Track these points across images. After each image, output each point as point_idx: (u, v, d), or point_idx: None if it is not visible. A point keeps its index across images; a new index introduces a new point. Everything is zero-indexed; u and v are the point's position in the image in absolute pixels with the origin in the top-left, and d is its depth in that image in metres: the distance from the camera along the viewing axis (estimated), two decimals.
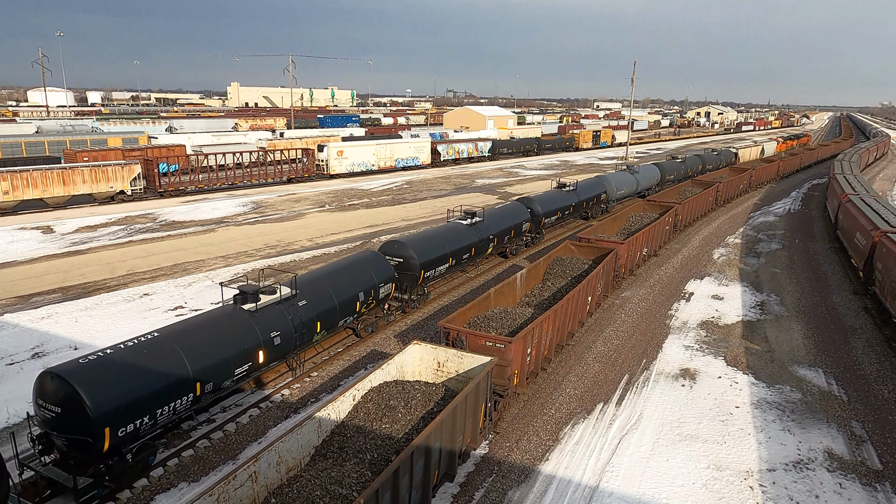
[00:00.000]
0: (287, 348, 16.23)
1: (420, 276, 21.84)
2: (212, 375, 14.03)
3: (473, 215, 26.45)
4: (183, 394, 13.36)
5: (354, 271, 19.27)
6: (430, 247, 22.74)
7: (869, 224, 27.68)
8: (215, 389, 14.31)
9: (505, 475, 13.76)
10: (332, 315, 17.81)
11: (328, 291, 17.81)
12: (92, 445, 11.78)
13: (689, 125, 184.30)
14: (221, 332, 14.62)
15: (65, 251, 30.76)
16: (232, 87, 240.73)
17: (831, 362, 20.03)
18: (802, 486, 13.62)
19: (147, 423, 12.74)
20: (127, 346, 13.09)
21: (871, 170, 75.52)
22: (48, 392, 11.83)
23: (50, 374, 11.85)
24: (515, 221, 29.47)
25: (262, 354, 15.34)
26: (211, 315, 15.18)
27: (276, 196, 47.99)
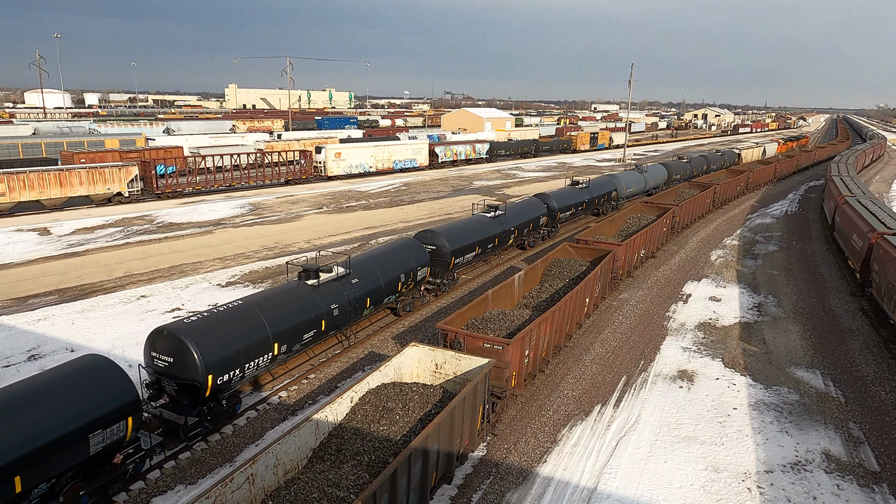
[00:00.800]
0: (343, 319, 18.42)
1: (451, 262, 23.96)
2: (286, 339, 16.24)
3: (496, 209, 28.53)
4: (264, 352, 15.63)
5: (397, 255, 21.41)
6: (460, 236, 24.90)
7: (866, 226, 27.74)
8: (287, 351, 16.44)
9: (503, 477, 13.74)
10: (379, 293, 20.01)
11: (376, 272, 20.01)
12: (199, 390, 14.01)
13: (687, 127, 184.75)
14: (292, 302, 16.79)
15: (61, 253, 30.67)
16: (230, 89, 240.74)
17: (829, 364, 20.06)
18: (800, 488, 13.62)
19: (237, 374, 15.01)
20: (219, 310, 15.35)
21: (867, 172, 75.75)
22: (161, 346, 14.10)
23: (163, 330, 14.13)
24: (534, 215, 31.40)
25: (324, 323, 17.54)
26: (282, 288, 17.46)
27: (273, 198, 47.95)
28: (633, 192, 45.28)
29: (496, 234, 27.35)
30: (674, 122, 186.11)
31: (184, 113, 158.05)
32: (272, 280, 26.53)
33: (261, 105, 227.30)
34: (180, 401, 14.24)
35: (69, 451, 11.17)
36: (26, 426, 10.60)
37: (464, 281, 27.14)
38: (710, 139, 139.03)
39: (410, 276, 21.48)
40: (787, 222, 43.75)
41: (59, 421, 11.02)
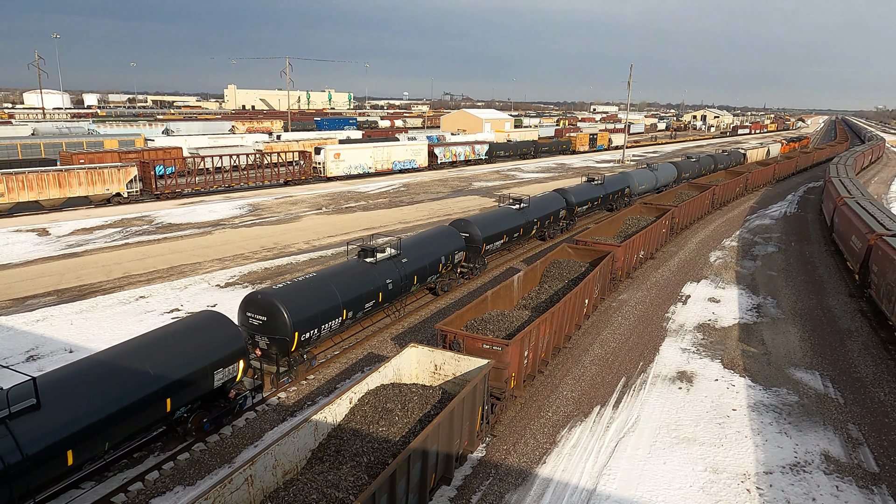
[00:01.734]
0: (396, 293, 20.97)
1: (482, 248, 26.63)
2: (352, 307, 18.87)
3: (521, 201, 31.24)
4: (336, 317, 18.21)
5: (438, 240, 24.08)
6: (490, 225, 27.63)
7: (864, 227, 27.77)
8: (353, 317, 19.14)
9: (502, 478, 13.73)
10: (424, 272, 22.53)
11: (421, 254, 22.58)
12: (288, 344, 16.53)
13: (686, 128, 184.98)
14: (356, 276, 19.43)
15: (60, 253, 30.63)
16: (229, 90, 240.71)
17: (828, 365, 20.07)
18: (799, 489, 13.63)
19: (316, 333, 17.54)
20: (300, 280, 18.01)
21: (866, 173, 75.85)
22: (256, 307, 16.64)
23: (258, 294, 16.81)
24: (554, 209, 34.18)
25: (381, 295, 20.09)
26: (346, 265, 20.00)
27: (272, 199, 47.93)
28: (645, 190, 46.95)
29: (521, 225, 30.06)
30: (673, 123, 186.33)
31: (183, 114, 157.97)
32: (270, 280, 26.51)
33: (260, 106, 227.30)
34: (271, 354, 16.85)
35: (201, 382, 14.04)
36: (173, 361, 13.45)
37: (492, 267, 29.92)
38: (709, 140, 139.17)
39: (449, 259, 24.18)
40: (786, 224, 43.78)
41: (195, 358, 13.91)
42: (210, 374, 14.16)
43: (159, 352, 13.38)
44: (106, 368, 12.52)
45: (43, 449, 10.81)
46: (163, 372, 13.04)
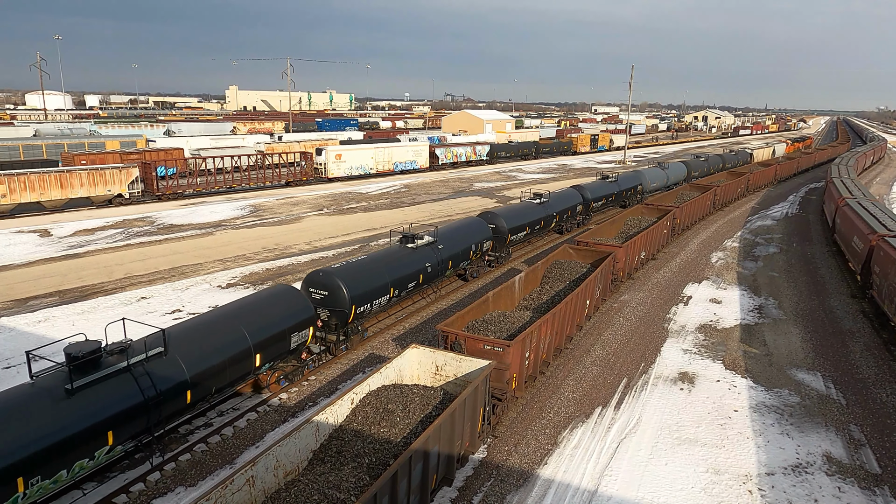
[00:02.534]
0: (434, 276, 23.22)
1: (507, 238, 28.78)
2: (398, 286, 21.00)
3: (541, 196, 33.51)
4: (384, 294, 20.31)
5: (469, 230, 26.34)
6: (515, 217, 29.66)
7: (866, 228, 27.73)
8: (397, 295, 21.24)
9: (503, 479, 13.72)
10: (457, 258, 24.60)
11: (455, 242, 24.77)
12: (346, 315, 18.67)
13: (687, 129, 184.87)
14: (400, 260, 21.57)
15: (62, 254, 30.67)
16: (230, 91, 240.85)
17: (829, 366, 20.04)
18: (801, 490, 13.60)
19: (367, 308, 19.69)
20: (353, 261, 20.31)
21: (867, 174, 75.76)
22: (318, 283, 18.84)
23: (320, 271, 19.08)
24: (572, 203, 36.22)
25: (421, 277, 22.25)
26: (391, 249, 22.13)
27: (274, 199, 47.96)
28: (656, 188, 48.45)
29: (542, 218, 32.31)
30: (674, 124, 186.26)
31: (184, 115, 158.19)
32: (272, 281, 26.52)
33: (261, 107, 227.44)
34: (331, 324, 18.97)
35: (281, 343, 16.18)
36: (261, 324, 15.67)
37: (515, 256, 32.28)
38: (711, 141, 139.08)
39: (478, 248, 26.41)
40: (788, 224, 43.74)
41: (277, 322, 16.11)
42: (288, 337, 16.50)
43: (250, 315, 15.72)
44: (211, 327, 14.88)
45: (171, 387, 13.16)
46: (254, 332, 15.44)
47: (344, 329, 19.15)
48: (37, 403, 11.06)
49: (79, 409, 11.44)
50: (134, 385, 12.45)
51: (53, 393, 11.32)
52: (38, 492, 10.94)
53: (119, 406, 12.07)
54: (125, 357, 12.62)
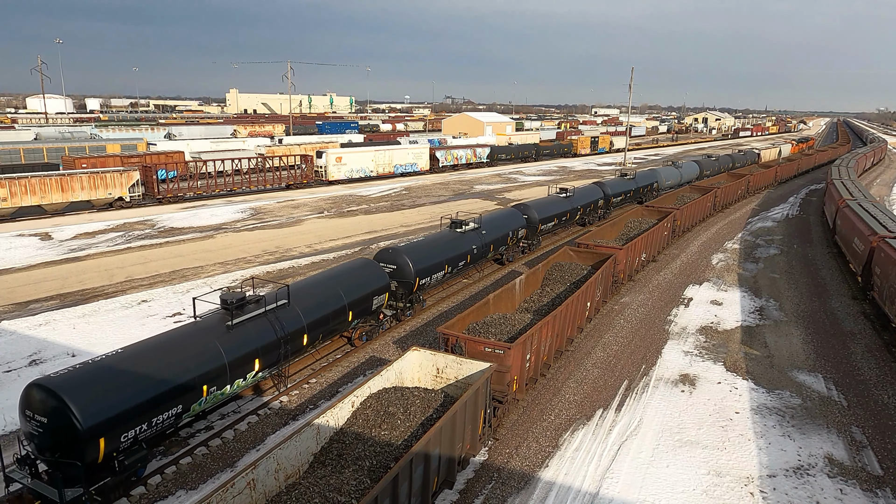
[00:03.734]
0: (478, 257, 26.46)
1: (538, 228, 32.20)
2: (451, 263, 24.17)
3: (566, 191, 36.48)
4: (440, 270, 23.39)
5: (507, 219, 29.41)
6: (545, 209, 33.01)
7: (867, 229, 27.71)
8: (451, 271, 24.40)
9: (504, 482, 13.70)
10: (497, 242, 28.05)
11: (495, 228, 28.06)
12: (412, 286, 21.80)
13: (687, 131, 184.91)
14: (450, 242, 24.71)
15: (63, 258, 30.69)
16: (230, 94, 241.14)
17: (831, 367, 20.01)
18: (803, 492, 13.57)
19: (428, 281, 22.79)
20: (414, 241, 23.41)
21: (868, 175, 75.75)
22: (387, 258, 21.78)
23: (389, 249, 22.18)
24: (594, 198, 39.14)
25: (469, 257, 25.52)
26: (443, 233, 25.37)
27: (274, 202, 47.99)
28: (671, 185, 51.08)
29: (568, 210, 35.41)
30: (674, 125, 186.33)
31: (185, 118, 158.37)
32: (273, 284, 26.51)
33: (262, 110, 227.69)
34: (398, 294, 21.76)
35: (365, 304, 19.46)
36: (351, 287, 18.99)
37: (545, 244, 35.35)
38: (711, 143, 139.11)
39: (514, 234, 29.72)
40: (788, 226, 43.72)
41: (362, 287, 19.41)
42: (371, 300, 19.77)
43: (344, 280, 19.15)
44: (318, 287, 18.38)
45: (294, 330, 16.52)
46: (347, 293, 18.75)
47: (409, 297, 22.44)
48: (209, 333, 14.60)
49: (237, 340, 14.95)
50: (270, 326, 15.83)
51: (219, 328, 14.87)
52: (211, 399, 14.49)
53: (262, 340, 15.50)
54: (262, 305, 15.94)
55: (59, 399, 11.34)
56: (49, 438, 11.55)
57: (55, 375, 11.89)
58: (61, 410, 11.32)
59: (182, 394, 13.35)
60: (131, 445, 12.50)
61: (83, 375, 12.03)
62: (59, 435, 11.45)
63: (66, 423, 11.32)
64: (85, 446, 11.44)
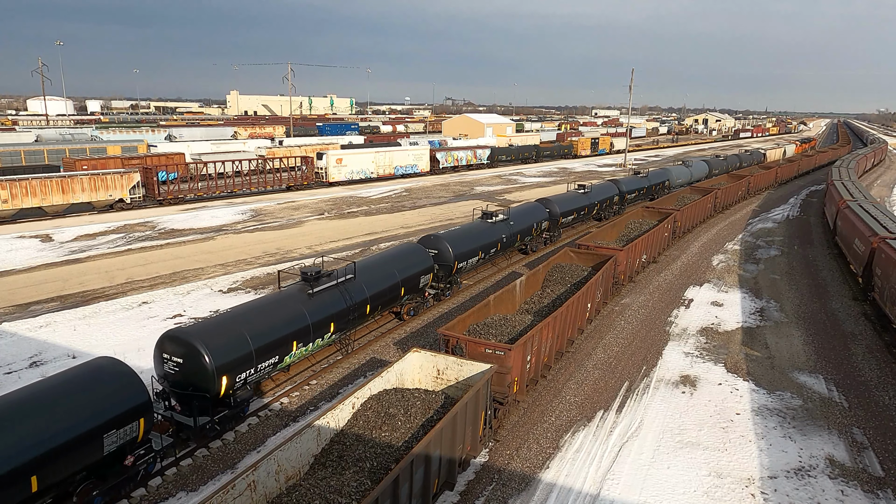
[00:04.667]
0: (508, 245, 29.03)
1: (559, 220, 34.72)
2: (484, 250, 26.62)
3: (585, 187, 39.14)
4: (475, 255, 25.93)
5: (532, 212, 32.18)
6: (564, 203, 35.62)
7: (867, 230, 27.70)
8: (484, 257, 26.82)
9: (505, 483, 13.69)
10: (524, 233, 30.57)
11: (522, 220, 30.68)
12: (450, 269, 24.38)
13: (687, 132, 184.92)
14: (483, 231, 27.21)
15: (63, 259, 30.71)
16: (231, 96, 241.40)
17: (831, 369, 20.00)
18: (804, 494, 13.56)
19: (465, 264, 25.31)
20: (452, 230, 26.08)
21: (868, 176, 75.73)
22: (430, 244, 24.26)
23: (431, 236, 24.86)
24: (609, 194, 41.62)
25: (499, 245, 27.99)
26: (474, 224, 27.93)
27: (275, 204, 48.02)
28: (682, 183, 53.72)
29: (586, 205, 37.93)
30: (674, 127, 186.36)
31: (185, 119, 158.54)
32: (273, 286, 26.53)
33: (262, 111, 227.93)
34: (439, 275, 24.22)
35: (415, 282, 22.34)
36: (403, 269, 21.87)
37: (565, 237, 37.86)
38: (711, 144, 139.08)
39: (538, 226, 32.31)
40: (789, 227, 43.71)
41: (413, 267, 22.44)
42: (418, 278, 22.37)
43: (397, 260, 21.81)
44: (377, 265, 20.91)
45: (359, 301, 19.19)
46: (400, 272, 21.40)
47: (448, 279, 24.92)
48: (295, 300, 17.33)
49: (317, 306, 17.61)
50: (341, 296, 18.49)
51: (301, 295, 17.53)
52: (297, 354, 17.08)
53: (336, 308, 18.19)
54: (334, 278, 18.55)
55: (192, 345, 14.33)
56: (183, 377, 14.44)
57: (186, 326, 15.10)
58: (195, 354, 14.30)
59: (279, 347, 16.18)
60: (243, 385, 15.42)
61: (208, 327, 15.03)
62: (193, 373, 14.32)
63: (199, 364, 14.28)
64: (213, 382, 14.34)
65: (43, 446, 10.79)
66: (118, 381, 12.42)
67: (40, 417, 10.99)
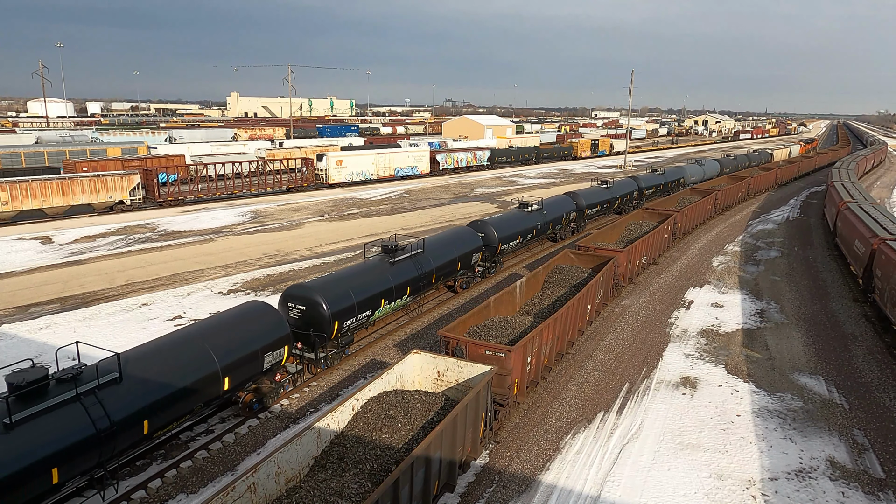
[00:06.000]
0: (542, 232, 32.63)
1: (585, 211, 38.28)
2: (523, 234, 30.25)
3: (607, 183, 42.62)
4: (516, 239, 29.64)
5: (561, 203, 35.64)
6: (589, 196, 39.16)
7: (867, 231, 27.69)
8: (522, 241, 30.58)
9: (505, 485, 13.67)
10: (555, 221, 34.07)
11: (553, 210, 34.12)
12: (495, 249, 27.97)
13: (687, 134, 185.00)
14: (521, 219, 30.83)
15: (63, 261, 30.71)
16: (231, 98, 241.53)
17: (832, 370, 19.98)
18: (805, 496, 13.54)
19: (506, 247, 29.10)
20: (495, 216, 29.64)
21: (868, 177, 75.75)
22: (479, 228, 27.83)
23: (478, 221, 28.34)
24: (629, 190, 45.03)
25: (535, 231, 31.63)
26: (512, 212, 31.27)
27: (275, 205, 48.03)
28: (696, 180, 57.21)
29: (609, 199, 41.69)
30: (674, 128, 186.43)
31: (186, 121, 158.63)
32: (273, 288, 26.52)
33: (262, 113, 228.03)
34: (485, 255, 27.53)
35: (467, 258, 26.12)
36: (461, 246, 25.79)
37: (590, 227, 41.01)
38: (711, 145, 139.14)
39: (567, 216, 35.83)
40: (789, 228, 43.71)
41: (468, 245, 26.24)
42: (471, 256, 26.04)
43: (455, 239, 25.71)
44: (440, 243, 24.37)
45: (427, 271, 22.89)
46: (457, 249, 25.25)
47: (493, 258, 28.56)
48: (380, 267, 21.08)
49: (397, 272, 21.40)
50: (413, 266, 22.22)
51: (384, 264, 21.28)
52: (383, 310, 20.81)
53: (411, 274, 21.92)
54: (409, 251, 22.24)
55: (313, 296, 18.11)
56: (306, 321, 18.01)
57: (307, 282, 18.94)
58: (316, 302, 18.04)
59: (372, 302, 19.89)
60: (347, 330, 19.14)
61: (323, 283, 18.82)
62: (314, 318, 17.97)
63: (319, 311, 18.02)
64: (329, 325, 18.05)
65: (232, 356, 14.86)
66: (269, 317, 16.37)
67: (229, 337, 15.09)
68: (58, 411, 11.23)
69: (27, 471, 10.57)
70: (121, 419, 12.03)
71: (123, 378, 12.40)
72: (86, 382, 11.85)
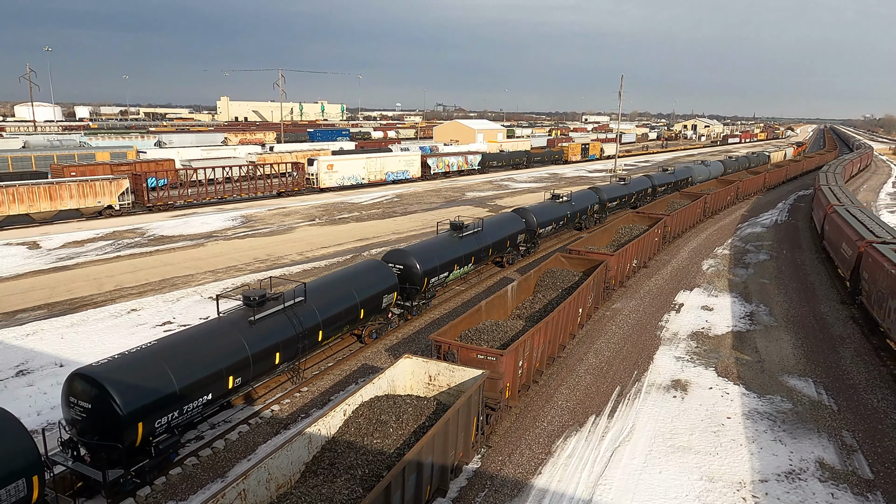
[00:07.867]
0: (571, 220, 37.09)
1: (606, 205, 42.53)
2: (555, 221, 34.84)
3: (624, 179, 47.53)
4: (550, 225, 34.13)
5: (586, 196, 39.99)
6: (610, 192, 43.66)
7: (854, 234, 27.99)
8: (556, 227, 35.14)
9: (498, 489, 13.65)
10: (581, 212, 38.75)
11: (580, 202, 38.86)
12: (534, 233, 32.59)
13: (677, 138, 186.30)
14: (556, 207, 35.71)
15: (51, 267, 30.41)
16: (221, 102, 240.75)
17: (821, 372, 20.14)
18: (795, 497, 13.62)
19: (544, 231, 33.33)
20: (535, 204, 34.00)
21: (855, 181, 76.60)
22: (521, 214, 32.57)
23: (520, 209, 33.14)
24: (643, 188, 49.23)
25: (565, 219, 36.39)
26: (546, 202, 35.44)
27: (265, 210, 47.84)
28: (702, 179, 60.44)
29: (626, 194, 45.91)
30: (664, 132, 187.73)
31: (175, 126, 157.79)
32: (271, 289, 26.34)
33: (253, 117, 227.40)
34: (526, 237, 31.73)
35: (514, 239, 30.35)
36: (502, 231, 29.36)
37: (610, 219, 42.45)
38: (700, 149, 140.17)
39: (591, 208, 40.30)
40: (778, 232, 44.08)
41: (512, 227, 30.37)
42: (517, 237, 30.69)
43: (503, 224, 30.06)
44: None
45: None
46: (508, 230, 29.85)
47: (533, 240, 32.93)
48: (450, 241, 25.29)
49: (463, 244, 25.86)
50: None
51: (453, 238, 25.63)
52: (456, 273, 25.08)
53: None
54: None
55: (408, 258, 21.02)
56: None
57: (403, 247, 21.24)
58: (411, 263, 20.90)
59: (448, 266, 24.39)
60: (431, 286, 22.30)
61: (415, 249, 21.77)
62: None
63: (413, 270, 20.89)
64: (421, 280, 20.78)
65: (364, 294, 19.68)
66: (384, 271, 21.04)
67: (362, 282, 19.88)
68: (275, 317, 16.43)
69: (265, 351, 15.79)
70: (307, 328, 17.21)
71: (307, 300, 17.53)
72: (286, 302, 16.93)
